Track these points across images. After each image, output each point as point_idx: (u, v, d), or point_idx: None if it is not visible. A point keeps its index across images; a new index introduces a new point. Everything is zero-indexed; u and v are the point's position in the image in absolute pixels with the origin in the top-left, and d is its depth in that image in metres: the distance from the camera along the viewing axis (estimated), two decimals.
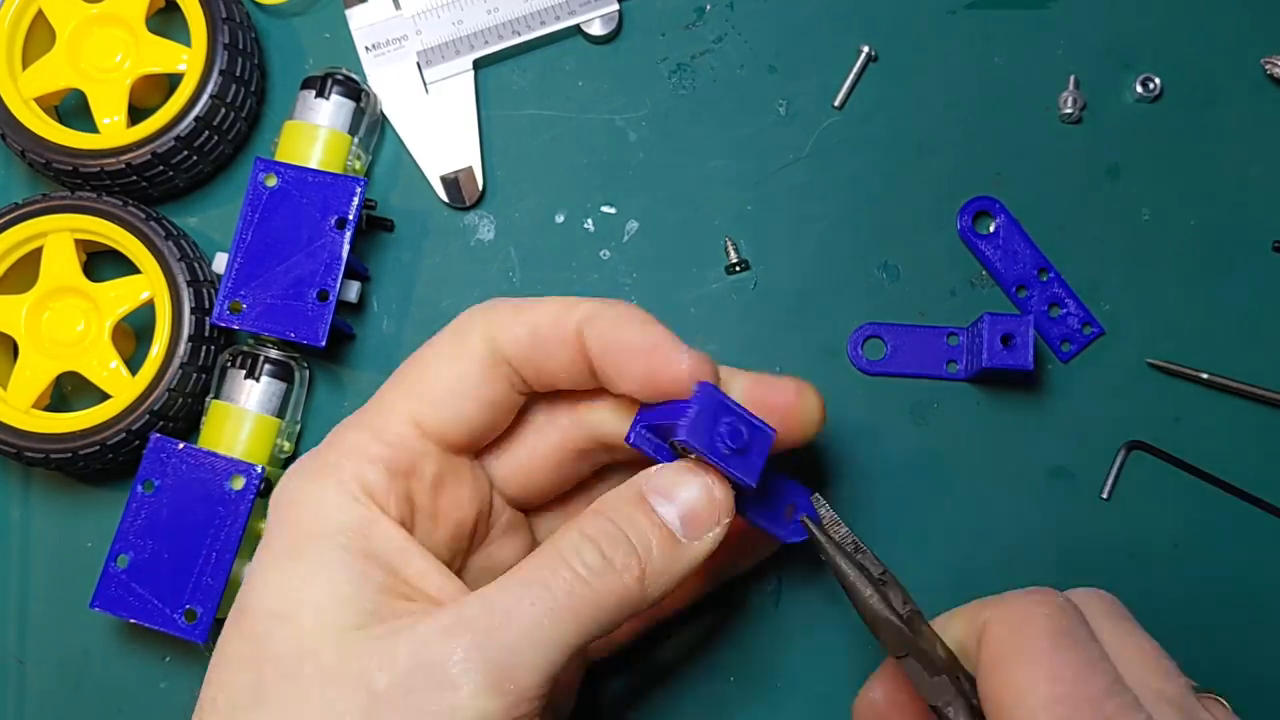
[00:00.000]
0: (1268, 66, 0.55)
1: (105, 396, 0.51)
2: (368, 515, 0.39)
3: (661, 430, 0.40)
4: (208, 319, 0.52)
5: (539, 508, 0.47)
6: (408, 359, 0.42)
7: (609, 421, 0.43)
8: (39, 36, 0.54)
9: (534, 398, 0.43)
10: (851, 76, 0.56)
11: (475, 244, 0.55)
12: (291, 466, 0.41)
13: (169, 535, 0.49)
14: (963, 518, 0.53)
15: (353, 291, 0.53)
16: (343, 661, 0.36)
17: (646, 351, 0.40)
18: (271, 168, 0.51)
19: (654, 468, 0.40)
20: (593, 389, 0.42)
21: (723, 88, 0.56)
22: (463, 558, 0.44)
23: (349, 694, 0.35)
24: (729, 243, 0.55)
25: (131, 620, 0.49)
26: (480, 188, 0.55)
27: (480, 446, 0.43)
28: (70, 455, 0.50)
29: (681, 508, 0.39)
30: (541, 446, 0.44)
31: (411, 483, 0.40)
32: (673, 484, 0.39)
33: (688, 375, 0.40)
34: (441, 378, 0.41)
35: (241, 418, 0.51)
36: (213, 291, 0.52)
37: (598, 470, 0.46)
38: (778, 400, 0.43)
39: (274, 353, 0.52)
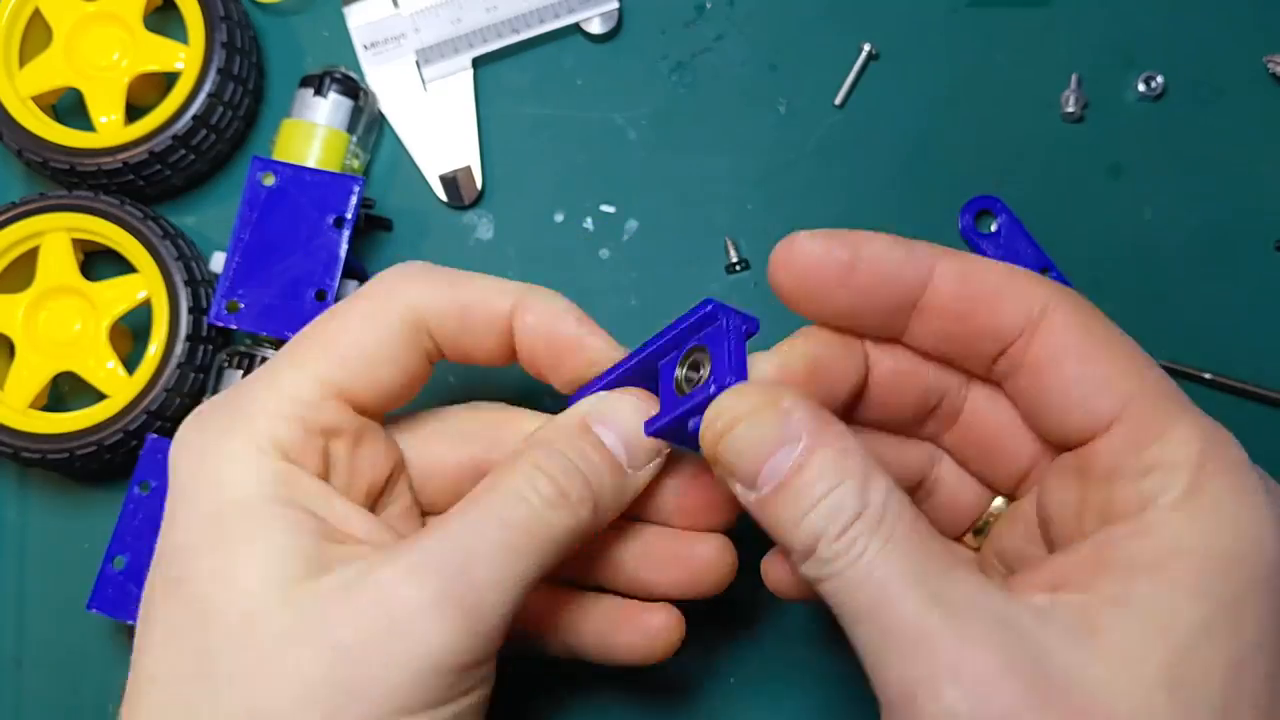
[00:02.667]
0: (1270, 65, 0.55)
1: (102, 396, 0.51)
2: (285, 468, 0.38)
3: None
4: (205, 318, 0.51)
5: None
6: (324, 313, 0.41)
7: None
8: (36, 34, 0.54)
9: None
10: (852, 75, 0.55)
11: (474, 243, 0.55)
12: (189, 420, 0.39)
13: None
14: None
15: (351, 291, 0.53)
16: (299, 618, 0.35)
17: (577, 349, 0.41)
18: (269, 166, 0.51)
19: (592, 396, 0.40)
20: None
21: (723, 86, 0.56)
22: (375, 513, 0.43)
23: (312, 653, 0.34)
24: (729, 242, 0.54)
25: (129, 622, 0.48)
26: (479, 187, 0.55)
27: (389, 409, 0.42)
28: (67, 455, 0.50)
29: (625, 437, 0.40)
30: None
31: (326, 442, 0.39)
32: (615, 412, 0.40)
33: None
34: (361, 343, 0.40)
35: None
36: (210, 291, 0.52)
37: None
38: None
39: (271, 352, 0.52)
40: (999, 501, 0.42)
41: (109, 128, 0.53)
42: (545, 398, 0.50)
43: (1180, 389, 0.36)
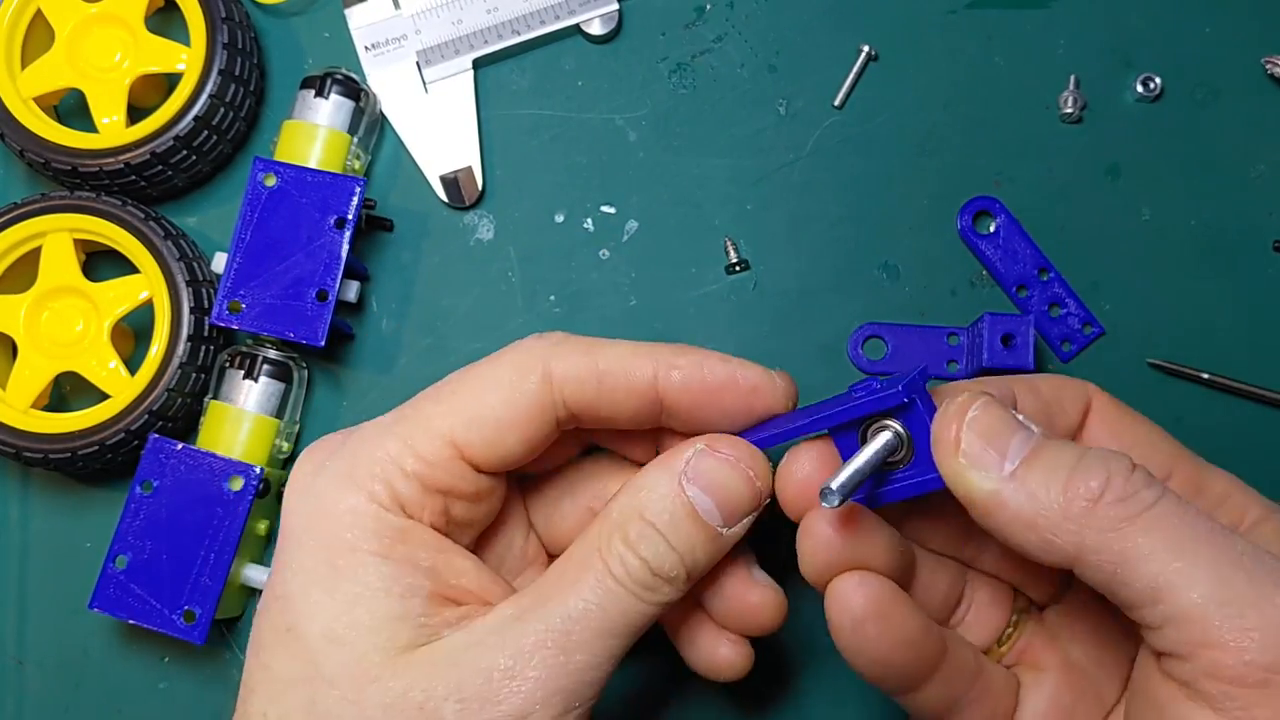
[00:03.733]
0: (1268, 66, 0.55)
1: (104, 396, 0.51)
2: (403, 524, 0.39)
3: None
4: (207, 319, 0.51)
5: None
6: (458, 373, 0.41)
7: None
8: (38, 36, 0.54)
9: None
10: (852, 76, 0.55)
11: (475, 244, 0.55)
12: (308, 464, 0.40)
13: (167, 536, 0.49)
14: None
15: (352, 291, 0.53)
16: (405, 691, 0.36)
17: (738, 387, 0.40)
18: (271, 167, 0.51)
19: (686, 451, 0.39)
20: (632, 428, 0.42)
21: (723, 87, 0.56)
22: (491, 558, 0.44)
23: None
24: (729, 243, 0.55)
25: (130, 621, 0.49)
26: (480, 187, 0.55)
27: (511, 470, 0.42)
28: (69, 455, 0.50)
29: (720, 498, 0.39)
30: (558, 460, 0.45)
31: (445, 500, 0.40)
32: (713, 474, 0.39)
33: (785, 401, 0.41)
34: (492, 407, 0.40)
35: (240, 418, 0.51)
36: (212, 291, 0.52)
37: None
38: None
39: (272, 353, 0.52)
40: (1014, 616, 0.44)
41: (111, 129, 0.53)
42: None
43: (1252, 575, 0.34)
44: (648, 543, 0.38)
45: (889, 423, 0.37)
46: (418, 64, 0.55)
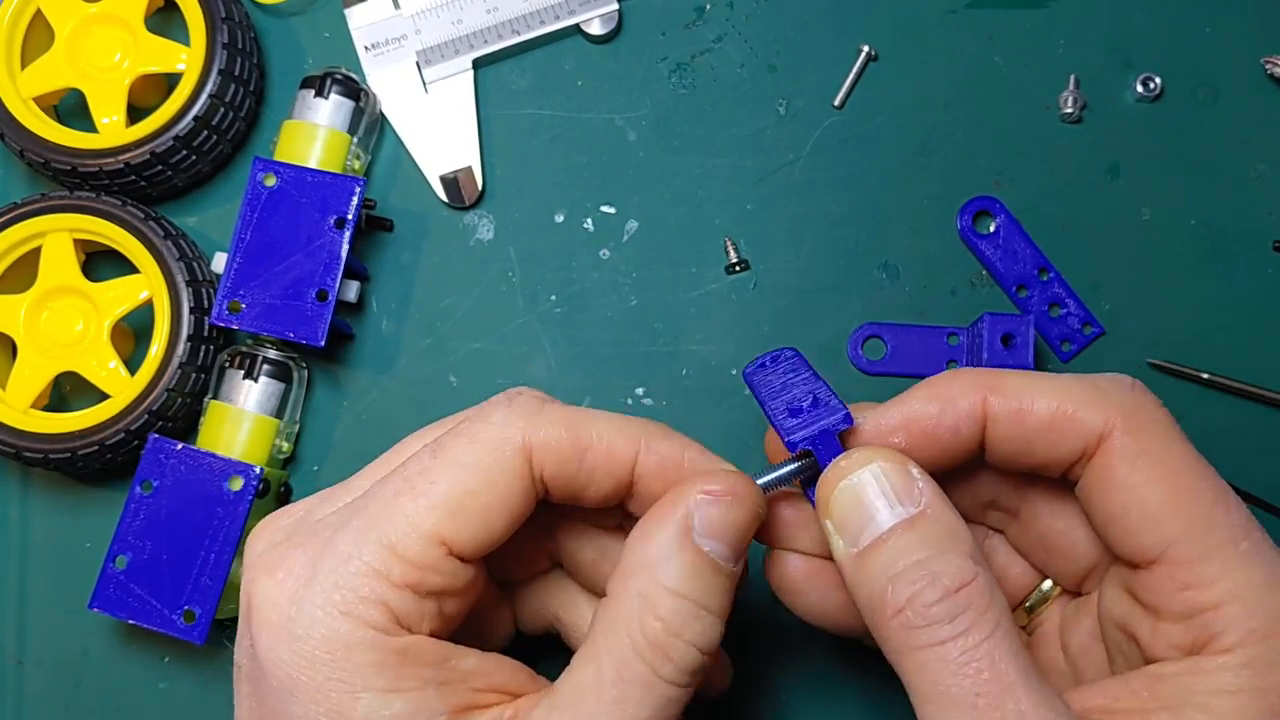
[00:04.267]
0: (1268, 66, 0.55)
1: (104, 396, 0.51)
2: (404, 644, 0.36)
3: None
4: (207, 319, 0.51)
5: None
6: (431, 454, 0.38)
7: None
8: (38, 36, 0.54)
9: None
10: (851, 76, 0.55)
11: (475, 244, 0.55)
12: (284, 566, 0.36)
13: (167, 536, 0.49)
14: None
15: (352, 291, 0.53)
16: None
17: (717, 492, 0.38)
18: (270, 167, 0.51)
19: (689, 505, 0.37)
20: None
21: (723, 87, 0.56)
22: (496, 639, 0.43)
23: None
24: (729, 242, 0.55)
25: (130, 621, 0.49)
26: (480, 187, 0.55)
27: (489, 553, 0.39)
28: (69, 455, 0.50)
29: (732, 539, 0.37)
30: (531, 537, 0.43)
31: (440, 601, 0.37)
32: (720, 519, 0.37)
33: (759, 510, 0.39)
34: (476, 495, 0.37)
35: (240, 418, 0.51)
36: (212, 291, 0.52)
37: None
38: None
39: (272, 353, 0.52)
40: (1048, 582, 0.43)
41: (111, 129, 0.53)
42: None
43: (1242, 523, 0.36)
44: (691, 623, 0.36)
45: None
46: (418, 64, 0.55)
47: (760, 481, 0.39)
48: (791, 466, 0.39)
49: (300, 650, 0.35)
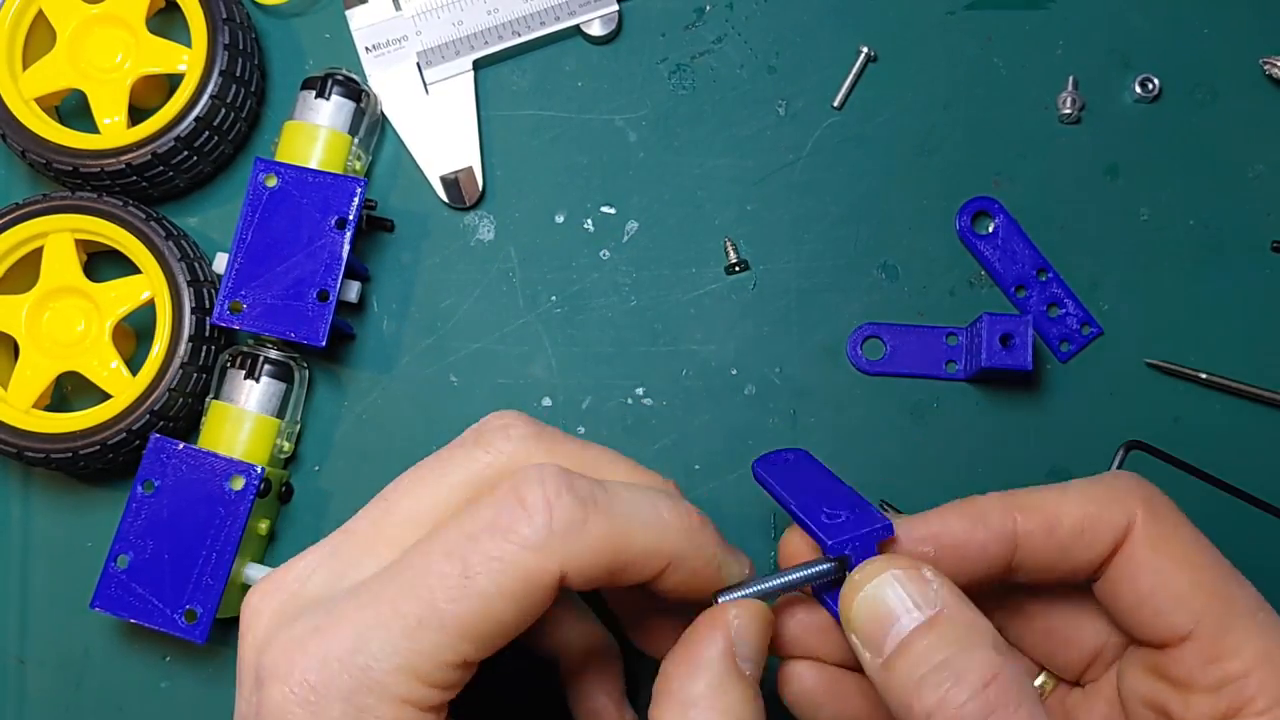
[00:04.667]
0: (1266, 66, 0.55)
1: (105, 396, 0.51)
2: None
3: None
4: (208, 319, 0.52)
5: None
6: (458, 566, 0.35)
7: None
8: (39, 37, 0.54)
9: None
10: (851, 76, 0.56)
11: (475, 244, 0.55)
12: (309, 693, 0.35)
13: (169, 535, 0.49)
14: None
15: (353, 291, 0.53)
16: None
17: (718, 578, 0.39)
18: (271, 168, 0.51)
19: (727, 631, 0.37)
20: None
21: (722, 88, 0.56)
22: None
23: None
24: (729, 243, 0.55)
25: (132, 620, 0.49)
26: (480, 188, 0.55)
27: None
28: (70, 455, 0.50)
29: (755, 650, 0.38)
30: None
31: (453, 704, 0.37)
32: (752, 637, 0.38)
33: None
34: (505, 623, 0.35)
35: (241, 418, 0.51)
36: (213, 291, 0.52)
37: None
38: None
39: (274, 353, 0.52)
40: (1041, 677, 0.44)
41: (112, 129, 0.53)
42: None
43: (1254, 596, 0.39)
44: None
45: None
46: (418, 65, 0.55)
47: (784, 581, 0.38)
48: (822, 567, 0.38)
49: None
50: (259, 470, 0.49)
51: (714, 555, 0.39)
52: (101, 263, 0.55)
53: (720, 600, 0.38)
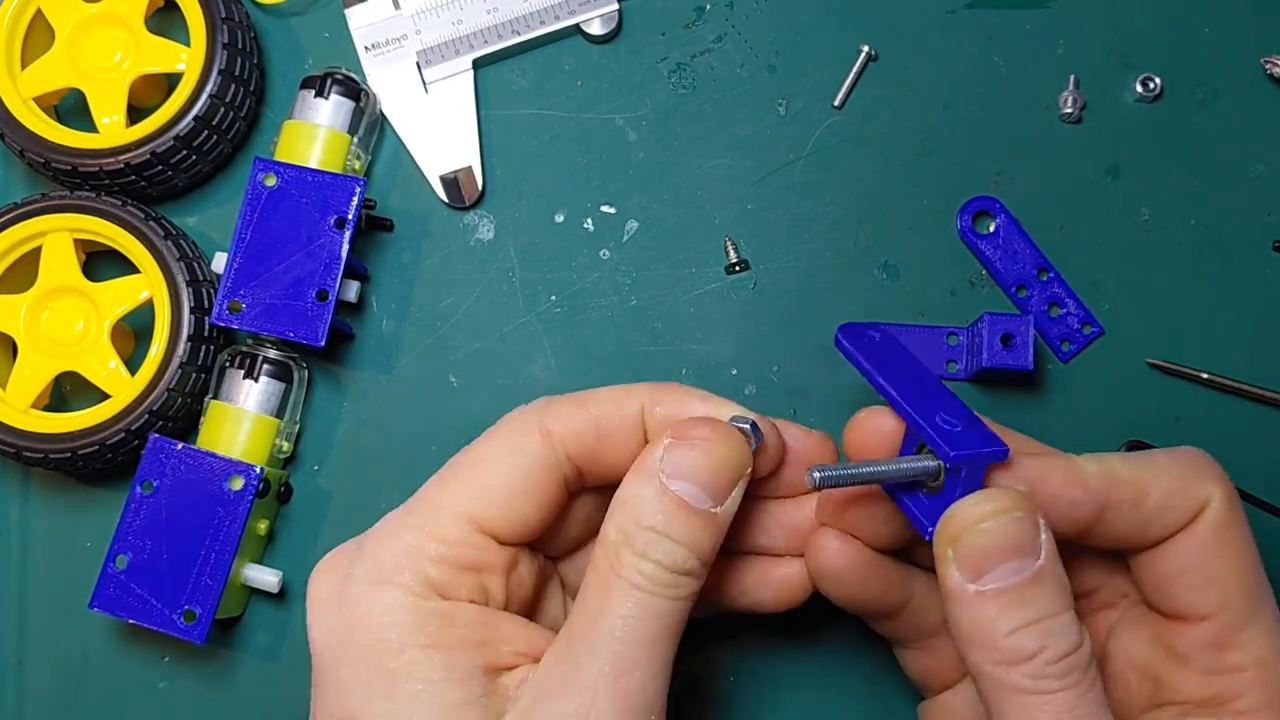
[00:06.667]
0: (1268, 66, 0.55)
1: (104, 396, 0.51)
2: (443, 607, 0.39)
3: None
4: (207, 319, 0.51)
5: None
6: (460, 453, 0.41)
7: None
8: (38, 36, 0.54)
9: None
10: (851, 76, 0.55)
11: (475, 244, 0.55)
12: (329, 576, 0.40)
13: (168, 535, 0.49)
14: None
15: (352, 291, 0.53)
16: None
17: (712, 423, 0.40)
18: (271, 167, 0.51)
19: (657, 450, 0.39)
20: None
21: (722, 87, 0.56)
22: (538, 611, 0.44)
23: None
24: (729, 242, 0.55)
25: (130, 620, 0.49)
26: (480, 187, 0.55)
27: (531, 539, 0.42)
28: (69, 455, 0.50)
29: (704, 481, 0.39)
30: (581, 527, 0.45)
31: (479, 577, 0.40)
32: (689, 462, 0.39)
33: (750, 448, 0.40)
34: (500, 476, 0.40)
35: (240, 418, 0.51)
36: (212, 291, 0.52)
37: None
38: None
39: (273, 352, 0.52)
40: None
41: (111, 129, 0.53)
42: None
43: (1273, 600, 0.40)
44: (654, 546, 0.38)
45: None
46: (418, 64, 0.55)
47: (880, 470, 0.38)
48: (925, 466, 0.38)
49: (347, 618, 0.39)
50: (258, 470, 0.49)
51: (683, 393, 0.41)
52: (100, 262, 0.55)
53: (816, 475, 0.38)
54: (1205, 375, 0.53)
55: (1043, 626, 0.35)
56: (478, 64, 0.55)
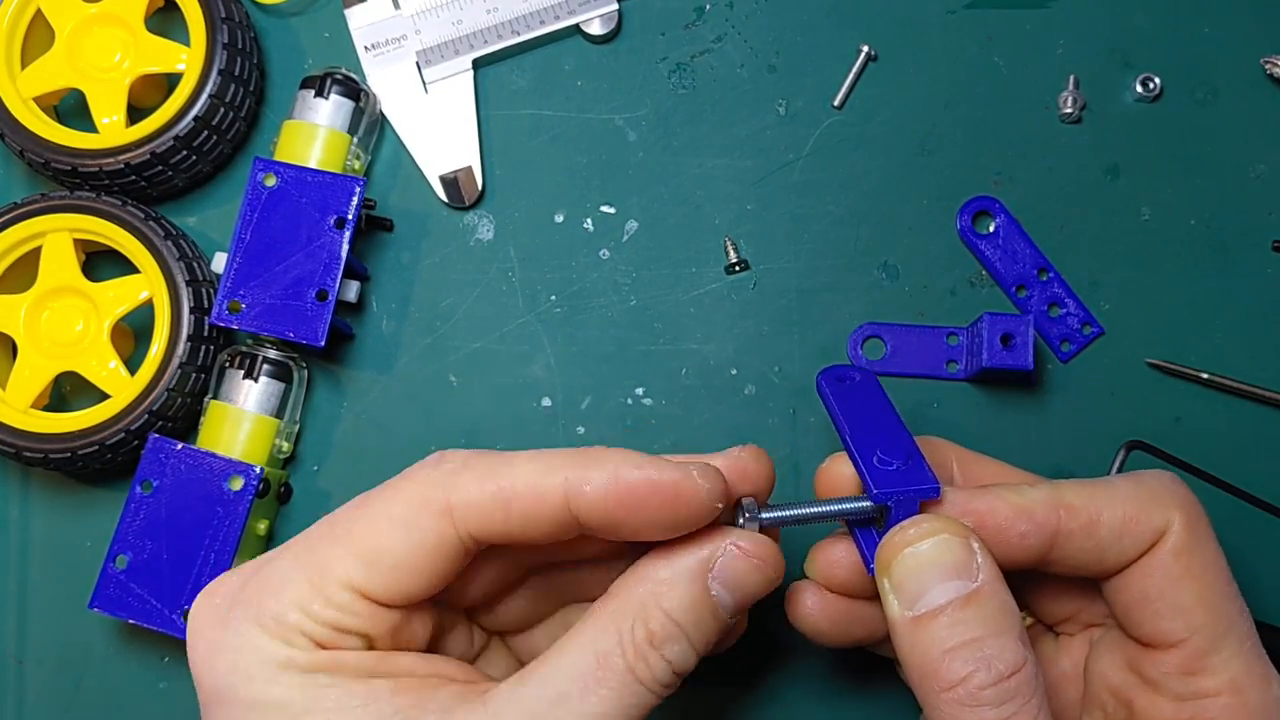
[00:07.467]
0: (1267, 66, 0.55)
1: (104, 396, 0.51)
2: (328, 658, 0.37)
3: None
4: (207, 319, 0.51)
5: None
6: (358, 501, 0.39)
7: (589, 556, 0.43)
8: (38, 36, 0.54)
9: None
10: (851, 76, 0.55)
11: (475, 244, 0.55)
12: (209, 611, 0.38)
13: (168, 535, 0.49)
14: None
15: (352, 291, 0.53)
16: None
17: (658, 495, 0.37)
18: (270, 167, 0.51)
19: (715, 550, 0.38)
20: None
21: (722, 87, 0.56)
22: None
23: None
24: (729, 242, 0.55)
25: (130, 621, 0.49)
26: (479, 187, 0.55)
27: (420, 602, 0.39)
28: (69, 455, 0.50)
29: (741, 596, 0.39)
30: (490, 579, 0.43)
31: (365, 636, 0.38)
32: (740, 575, 0.38)
33: (710, 502, 0.38)
34: (389, 549, 0.37)
35: (240, 418, 0.51)
36: (212, 291, 0.52)
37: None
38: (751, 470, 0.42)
39: (272, 353, 0.52)
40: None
41: (111, 129, 0.53)
42: None
43: (1248, 623, 0.40)
44: (673, 644, 0.37)
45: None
46: (417, 64, 0.55)
47: (819, 510, 0.39)
48: (861, 505, 0.39)
49: (231, 664, 0.37)
50: (258, 470, 0.49)
51: (616, 463, 0.37)
52: (100, 262, 0.55)
53: (760, 516, 0.38)
54: (1205, 375, 0.53)
55: (977, 648, 0.35)
56: (477, 64, 0.55)
